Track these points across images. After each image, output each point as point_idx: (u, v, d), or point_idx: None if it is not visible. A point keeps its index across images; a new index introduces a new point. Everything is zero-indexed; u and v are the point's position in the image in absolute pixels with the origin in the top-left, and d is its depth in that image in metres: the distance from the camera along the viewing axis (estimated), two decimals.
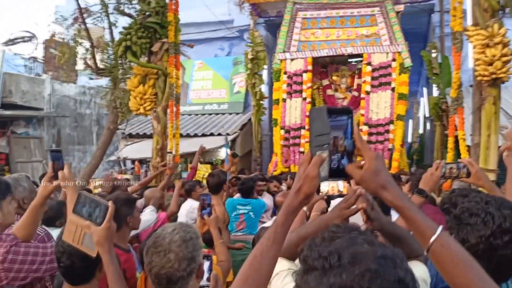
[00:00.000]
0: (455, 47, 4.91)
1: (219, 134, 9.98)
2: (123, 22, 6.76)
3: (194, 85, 12.44)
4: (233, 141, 9.98)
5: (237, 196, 4.96)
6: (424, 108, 14.01)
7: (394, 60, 7.46)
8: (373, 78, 7.59)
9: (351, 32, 7.98)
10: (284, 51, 8.06)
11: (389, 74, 7.48)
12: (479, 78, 4.56)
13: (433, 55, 8.85)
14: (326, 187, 2.08)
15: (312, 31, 8.15)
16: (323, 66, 8.92)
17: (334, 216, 1.32)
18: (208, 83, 12.29)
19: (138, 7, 6.25)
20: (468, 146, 5.23)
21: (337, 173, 1.08)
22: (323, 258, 0.76)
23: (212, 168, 10.33)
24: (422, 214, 1.05)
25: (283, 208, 1.13)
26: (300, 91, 7.94)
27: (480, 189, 2.44)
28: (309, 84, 7.94)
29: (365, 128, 7.52)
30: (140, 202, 4.67)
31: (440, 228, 1.01)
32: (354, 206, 1.30)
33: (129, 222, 2.85)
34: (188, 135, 9.97)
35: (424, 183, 2.21)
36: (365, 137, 7.02)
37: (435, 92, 9.56)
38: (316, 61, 8.48)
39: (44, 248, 1.97)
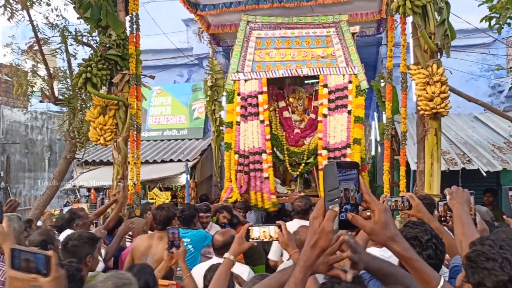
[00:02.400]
0: (390, 85, 5.40)
1: (179, 160, 10.01)
2: (82, 52, 6.77)
3: (153, 111, 12.44)
4: (193, 167, 10.04)
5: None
6: (375, 131, 14.74)
7: (350, 82, 7.22)
8: (329, 101, 7.34)
9: (306, 53, 7.68)
10: (237, 72, 7.61)
11: (346, 97, 7.22)
12: (421, 112, 5.02)
13: (382, 84, 9.47)
14: (258, 232, 1.96)
15: (267, 51, 7.78)
16: (280, 88, 8.65)
17: (319, 263, 1.29)
18: (167, 109, 12.34)
19: (98, 39, 6.28)
20: (414, 171, 5.68)
21: (346, 225, 1.12)
22: None
23: (172, 194, 10.32)
24: (427, 266, 1.17)
25: (300, 264, 1.15)
26: (257, 114, 7.50)
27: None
28: (265, 106, 7.53)
29: (324, 152, 7.22)
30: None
31: (443, 279, 1.17)
32: (338, 253, 1.28)
33: (88, 262, 2.79)
34: (147, 162, 9.92)
35: None
36: (324, 162, 6.99)
37: (384, 119, 10.17)
38: (272, 82, 8.23)
39: None
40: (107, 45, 6.06)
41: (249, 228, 1.98)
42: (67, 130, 6.85)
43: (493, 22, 6.05)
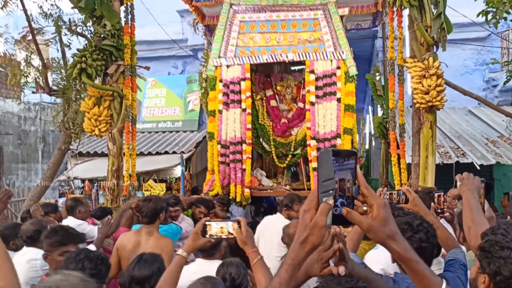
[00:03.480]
0: (393, 76, 5.42)
1: (174, 152, 9.99)
2: (76, 42, 6.71)
3: (147, 102, 12.38)
4: (188, 159, 10.03)
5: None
6: (370, 125, 14.81)
7: (338, 68, 6.72)
8: (317, 88, 6.87)
9: (292, 37, 7.19)
10: (219, 57, 7.16)
11: (334, 84, 6.77)
12: (417, 105, 5.04)
13: (377, 78, 9.49)
14: (215, 228, 1.83)
15: (251, 36, 7.29)
16: (267, 76, 8.12)
17: (312, 263, 1.21)
18: (162, 101, 12.28)
19: (93, 29, 6.23)
20: (409, 164, 5.72)
21: (340, 220, 1.02)
22: None
23: (167, 186, 10.31)
24: (428, 269, 1.09)
25: (287, 262, 1.05)
26: (239, 101, 6.98)
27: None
28: (248, 94, 6.99)
29: (313, 142, 6.85)
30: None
31: (445, 283, 1.08)
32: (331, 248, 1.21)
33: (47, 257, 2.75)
34: (141, 154, 9.88)
35: None
36: (313, 153, 6.77)
37: (379, 112, 10.21)
38: (259, 69, 7.79)
39: None
40: (102, 36, 6.02)
41: (206, 223, 1.84)
42: (61, 121, 6.82)
43: (489, 16, 6.07)
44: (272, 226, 4.31)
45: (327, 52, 6.92)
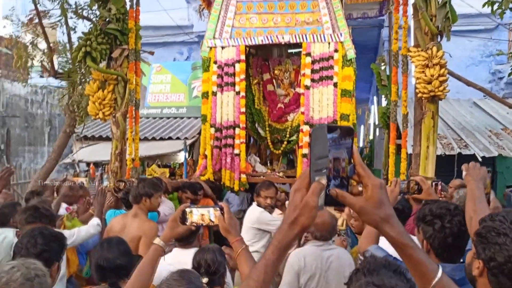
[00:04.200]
0: (396, 67, 5.42)
1: (178, 138, 10.06)
2: (82, 26, 6.74)
3: (152, 88, 12.41)
4: (192, 145, 10.10)
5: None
6: (374, 115, 14.76)
7: (336, 51, 6.46)
8: (313, 71, 6.55)
9: (290, 18, 6.90)
10: (214, 38, 6.89)
11: (331, 67, 6.44)
12: (419, 95, 5.04)
13: (382, 67, 9.44)
14: (196, 215, 1.70)
15: (247, 16, 7.02)
16: (265, 59, 7.85)
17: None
18: (167, 87, 12.31)
19: (98, 12, 6.26)
20: (410, 154, 5.73)
21: (334, 201, 0.95)
22: None
23: (170, 172, 10.40)
24: (425, 255, 1.03)
25: (274, 244, 0.99)
26: (233, 84, 6.76)
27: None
28: (242, 76, 6.78)
29: (306, 128, 6.59)
30: None
31: (441, 270, 1.02)
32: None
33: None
34: (146, 139, 9.96)
35: None
36: (305, 138, 6.52)
37: (384, 102, 10.18)
38: (257, 52, 7.60)
39: None
40: (107, 19, 6.03)
41: (186, 210, 1.71)
42: (66, 104, 6.88)
43: (495, 6, 6.01)
44: (247, 213, 4.40)
45: (325, 34, 6.64)
